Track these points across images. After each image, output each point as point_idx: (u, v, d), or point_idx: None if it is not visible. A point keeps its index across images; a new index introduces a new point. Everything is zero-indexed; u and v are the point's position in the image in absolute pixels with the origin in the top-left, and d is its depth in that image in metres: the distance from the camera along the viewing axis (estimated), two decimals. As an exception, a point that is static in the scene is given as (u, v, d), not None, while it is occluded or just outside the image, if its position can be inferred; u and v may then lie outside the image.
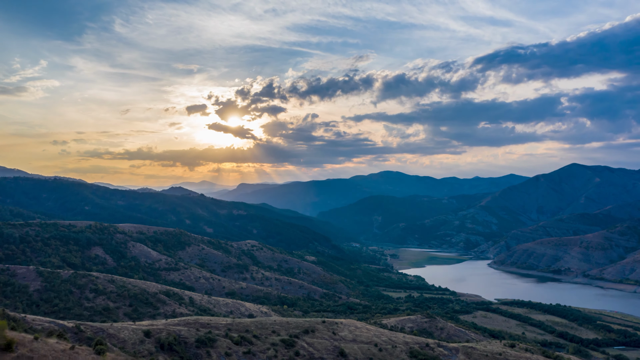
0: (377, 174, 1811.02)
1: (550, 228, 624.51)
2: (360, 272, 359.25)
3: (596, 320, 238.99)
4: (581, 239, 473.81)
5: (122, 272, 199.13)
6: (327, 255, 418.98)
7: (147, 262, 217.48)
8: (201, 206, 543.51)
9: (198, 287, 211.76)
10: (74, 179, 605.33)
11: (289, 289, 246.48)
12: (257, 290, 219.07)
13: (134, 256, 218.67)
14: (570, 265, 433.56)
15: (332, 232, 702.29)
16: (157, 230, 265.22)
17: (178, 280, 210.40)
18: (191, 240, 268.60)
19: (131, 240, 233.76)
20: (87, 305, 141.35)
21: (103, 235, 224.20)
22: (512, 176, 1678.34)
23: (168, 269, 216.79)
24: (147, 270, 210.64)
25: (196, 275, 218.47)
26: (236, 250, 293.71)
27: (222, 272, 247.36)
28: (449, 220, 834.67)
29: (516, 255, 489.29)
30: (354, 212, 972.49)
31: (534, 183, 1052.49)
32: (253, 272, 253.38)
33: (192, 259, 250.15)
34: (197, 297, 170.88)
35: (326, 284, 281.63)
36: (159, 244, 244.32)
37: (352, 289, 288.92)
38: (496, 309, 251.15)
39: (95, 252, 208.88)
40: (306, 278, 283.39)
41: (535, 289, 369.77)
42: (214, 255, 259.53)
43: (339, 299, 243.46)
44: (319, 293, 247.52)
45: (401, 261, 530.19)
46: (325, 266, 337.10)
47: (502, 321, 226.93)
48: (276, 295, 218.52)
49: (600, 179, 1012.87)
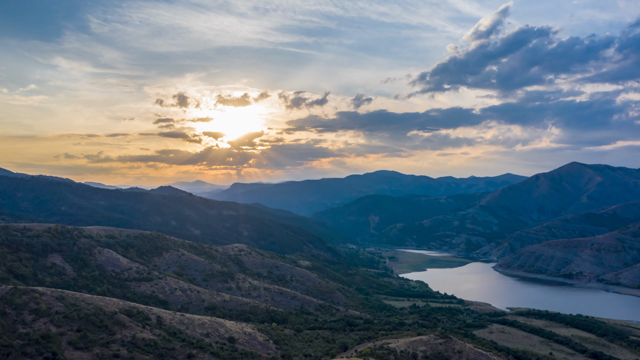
0: (373, 174, 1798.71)
1: (556, 229, 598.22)
2: (358, 278, 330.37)
3: (627, 335, 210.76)
4: (592, 240, 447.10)
5: (82, 284, 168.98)
6: (323, 259, 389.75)
7: (115, 272, 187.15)
8: (189, 206, 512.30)
9: (173, 300, 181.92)
10: (54, 177, 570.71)
11: (279, 300, 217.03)
12: (243, 304, 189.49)
13: (100, 264, 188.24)
14: (582, 269, 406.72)
15: (327, 233, 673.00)
16: (131, 234, 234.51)
17: (150, 292, 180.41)
18: (169, 245, 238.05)
19: (98, 245, 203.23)
20: (22, 332, 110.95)
21: (64, 240, 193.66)
22: (508, 175, 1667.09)
23: (139, 279, 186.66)
24: (114, 281, 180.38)
25: (172, 287, 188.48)
26: (221, 255, 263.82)
27: (204, 281, 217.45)
28: (448, 221, 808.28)
29: (523, 257, 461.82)
30: (349, 212, 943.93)
31: (534, 182, 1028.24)
32: (239, 281, 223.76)
33: (170, 266, 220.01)
34: (167, 315, 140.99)
35: (322, 293, 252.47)
36: (131, 250, 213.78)
37: (351, 298, 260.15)
38: (513, 322, 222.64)
39: (53, 261, 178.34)
40: (300, 287, 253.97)
41: (548, 295, 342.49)
42: (195, 262, 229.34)
43: (336, 311, 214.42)
44: (314, 305, 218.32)
45: (401, 264, 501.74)
46: (320, 272, 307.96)
47: (523, 337, 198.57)
48: (264, 309, 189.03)
49: (601, 177, 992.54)
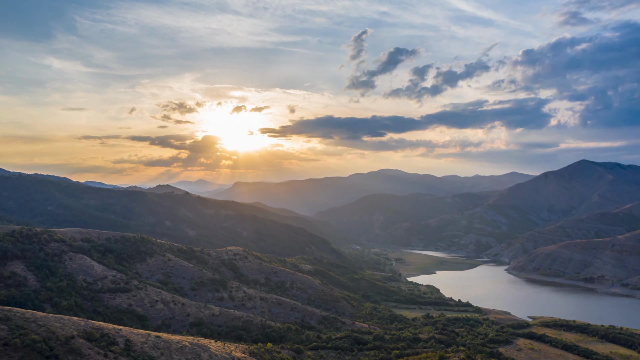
0: (376, 172, 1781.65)
1: (570, 229, 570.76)
2: (365, 283, 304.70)
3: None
4: (612, 241, 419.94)
5: (45, 298, 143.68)
6: (326, 261, 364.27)
7: (86, 281, 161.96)
8: (185, 205, 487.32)
9: (153, 315, 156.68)
10: (43, 176, 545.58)
11: (277, 312, 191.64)
12: (234, 318, 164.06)
13: (69, 273, 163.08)
14: (603, 272, 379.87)
15: (330, 234, 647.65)
16: (112, 237, 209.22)
17: (126, 306, 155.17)
18: (155, 249, 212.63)
19: (70, 250, 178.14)
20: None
21: (29, 245, 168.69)
22: (513, 174, 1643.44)
23: (114, 290, 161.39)
24: (84, 292, 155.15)
25: (152, 298, 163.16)
26: (214, 259, 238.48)
27: (192, 290, 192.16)
28: (455, 220, 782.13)
29: (538, 260, 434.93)
30: (353, 211, 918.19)
31: (543, 180, 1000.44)
32: (232, 290, 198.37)
33: (154, 273, 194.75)
34: (138, 338, 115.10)
35: (325, 302, 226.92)
36: (109, 255, 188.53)
37: (358, 307, 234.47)
38: (542, 336, 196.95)
39: (13, 269, 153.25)
40: (300, 295, 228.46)
41: (570, 301, 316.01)
42: (183, 269, 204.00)
43: (342, 324, 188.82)
44: (317, 317, 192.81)
45: (408, 266, 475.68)
46: (324, 277, 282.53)
47: (556, 356, 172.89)
48: (259, 325, 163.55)
49: (612, 176, 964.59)
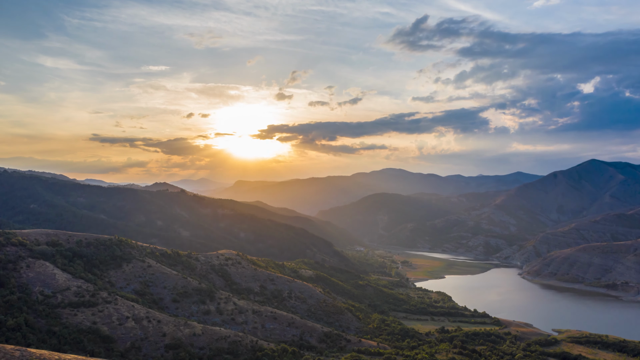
0: (379, 172, 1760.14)
1: (585, 230, 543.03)
2: (371, 290, 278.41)
3: None
4: (634, 245, 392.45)
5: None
6: (329, 265, 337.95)
7: (44, 294, 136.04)
8: (179, 204, 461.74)
9: (121, 335, 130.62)
10: (29, 172, 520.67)
11: (272, 328, 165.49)
12: (220, 338, 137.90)
13: (24, 283, 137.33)
14: (627, 278, 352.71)
15: (333, 234, 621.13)
16: (83, 239, 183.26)
17: (89, 324, 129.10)
18: (133, 253, 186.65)
19: (29, 256, 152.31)
20: None
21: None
22: (519, 174, 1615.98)
23: (77, 304, 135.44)
24: (39, 307, 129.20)
25: (122, 314, 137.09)
26: (203, 265, 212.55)
27: (174, 302, 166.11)
28: (462, 221, 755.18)
29: (554, 264, 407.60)
30: (356, 211, 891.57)
31: (552, 180, 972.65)
32: (221, 302, 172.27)
33: (130, 282, 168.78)
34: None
35: (328, 315, 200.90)
36: (77, 261, 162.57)
37: (364, 319, 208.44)
38: (578, 357, 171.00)
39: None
40: (300, 306, 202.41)
41: (596, 311, 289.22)
42: (165, 277, 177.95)
43: (346, 343, 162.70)
44: (318, 333, 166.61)
45: (415, 270, 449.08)
46: (326, 284, 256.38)
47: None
48: (249, 346, 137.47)
49: (623, 176, 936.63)
